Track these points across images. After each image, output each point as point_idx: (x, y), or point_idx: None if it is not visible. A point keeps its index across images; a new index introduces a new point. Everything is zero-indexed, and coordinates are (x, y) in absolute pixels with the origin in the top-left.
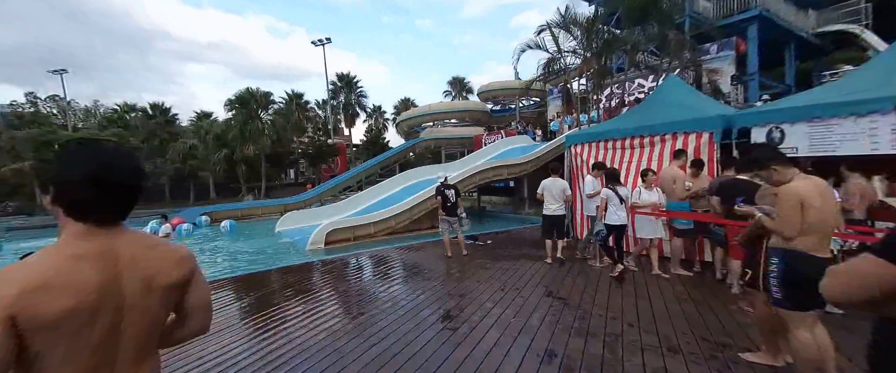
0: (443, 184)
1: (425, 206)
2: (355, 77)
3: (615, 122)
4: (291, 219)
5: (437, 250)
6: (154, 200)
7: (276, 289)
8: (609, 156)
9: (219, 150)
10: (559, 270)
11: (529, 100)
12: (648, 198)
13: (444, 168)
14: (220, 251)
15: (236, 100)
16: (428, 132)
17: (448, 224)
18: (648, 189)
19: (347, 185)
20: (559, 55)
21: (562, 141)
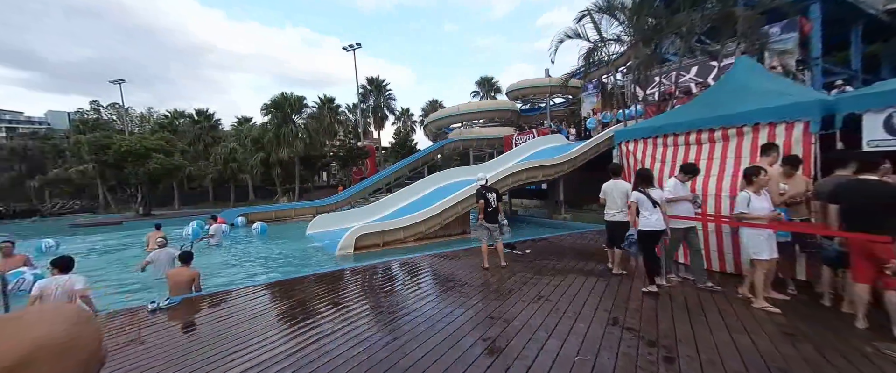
0: (483, 186)
1: (456, 210)
2: (384, 80)
3: (675, 114)
4: (322, 222)
5: (472, 260)
6: (198, 202)
7: (298, 302)
8: (668, 154)
9: (256, 153)
10: (620, 287)
11: (561, 97)
12: (760, 205)
13: (473, 170)
14: (249, 254)
15: (272, 104)
16: (456, 133)
17: (487, 232)
18: (758, 194)
19: (377, 187)
20: (601, 44)
21: (602, 139)
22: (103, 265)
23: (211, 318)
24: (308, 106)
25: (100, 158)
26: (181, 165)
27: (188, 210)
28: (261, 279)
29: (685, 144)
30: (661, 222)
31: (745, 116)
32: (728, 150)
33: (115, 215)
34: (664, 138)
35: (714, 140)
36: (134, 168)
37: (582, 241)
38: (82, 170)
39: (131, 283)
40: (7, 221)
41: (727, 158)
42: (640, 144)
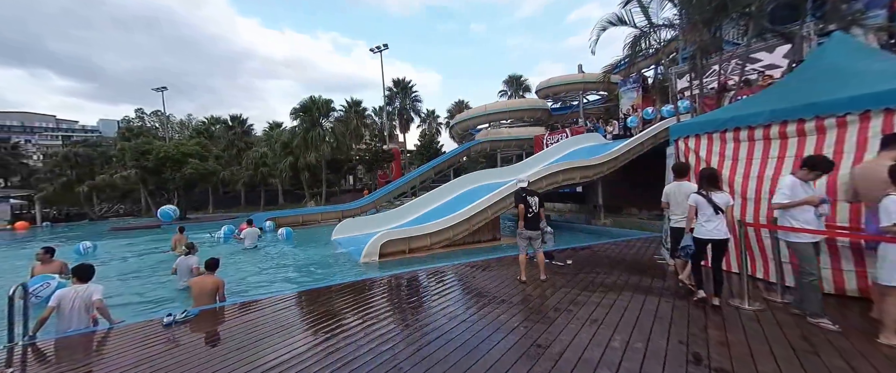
0: (524, 189)
1: (486, 215)
2: (410, 82)
3: (748, 104)
4: (347, 226)
5: (506, 271)
6: (231, 206)
7: (316, 319)
8: (742, 150)
9: (285, 157)
10: (692, 310)
11: (595, 94)
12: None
13: (501, 173)
14: (273, 261)
15: (300, 108)
16: (483, 134)
17: (527, 240)
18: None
19: (402, 191)
20: (650, 30)
21: (646, 137)
22: (134, 269)
23: (223, 334)
24: (335, 109)
25: (140, 164)
26: (215, 170)
27: (221, 214)
28: (280, 290)
29: (764, 139)
30: (721, 231)
31: (851, 102)
32: (824, 144)
33: (155, 219)
34: (735, 132)
35: (804, 133)
36: (172, 173)
37: (630, 251)
38: (126, 175)
39: (152, 289)
40: (60, 224)
41: (824, 154)
42: (704, 139)
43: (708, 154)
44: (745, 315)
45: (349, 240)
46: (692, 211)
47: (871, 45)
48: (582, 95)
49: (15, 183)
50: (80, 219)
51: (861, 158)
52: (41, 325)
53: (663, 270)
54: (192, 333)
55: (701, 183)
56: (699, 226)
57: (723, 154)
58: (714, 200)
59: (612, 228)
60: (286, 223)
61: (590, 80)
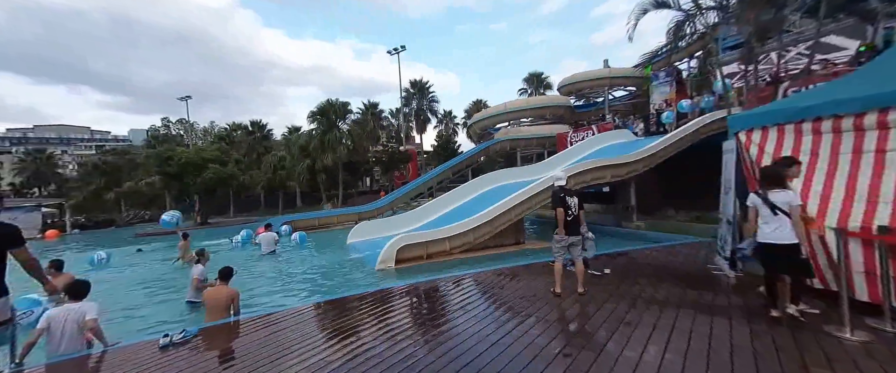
0: (563, 189)
1: (509, 216)
2: (428, 82)
3: (830, 90)
4: (363, 230)
5: (536, 280)
6: (250, 209)
7: (328, 336)
8: (824, 144)
9: (302, 160)
10: (775, 335)
11: (622, 90)
12: None
13: (522, 172)
14: (285, 268)
15: (318, 111)
16: (503, 133)
17: (564, 247)
18: None
19: (419, 192)
20: (696, 10)
21: (685, 133)
22: (143, 279)
23: (230, 353)
24: (352, 111)
25: (163, 170)
26: (234, 174)
27: (243, 217)
28: (287, 302)
29: (855, 130)
30: (782, 236)
31: None
32: None
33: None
34: (815, 123)
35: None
36: (193, 178)
37: (675, 258)
38: (151, 182)
39: (159, 304)
40: (89, 230)
41: None
42: (772, 132)
43: (777, 149)
44: (851, 348)
45: (365, 244)
46: (752, 213)
47: None
48: (607, 90)
49: (50, 192)
50: (108, 226)
51: None
52: (29, 350)
53: (722, 282)
54: (199, 352)
55: (762, 182)
56: (759, 230)
57: (798, 149)
58: (770, 199)
59: (646, 231)
60: (302, 226)
61: (617, 75)
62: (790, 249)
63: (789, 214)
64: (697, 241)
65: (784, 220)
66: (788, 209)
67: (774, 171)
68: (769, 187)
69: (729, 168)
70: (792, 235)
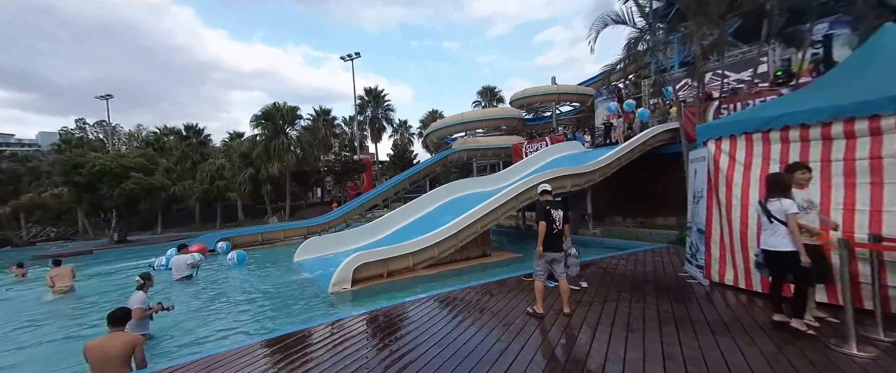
0: (547, 200)
1: (475, 228)
2: (383, 91)
3: (798, 100)
4: (313, 246)
5: (514, 299)
6: (184, 225)
7: None
8: (792, 152)
9: (244, 169)
10: (789, 355)
11: (568, 106)
12: None
13: (484, 182)
14: (218, 294)
15: (263, 115)
16: (460, 143)
17: (548, 265)
18: None
19: (374, 203)
20: (649, 29)
21: (637, 143)
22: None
23: None
24: (302, 117)
25: (71, 179)
26: (163, 186)
27: (174, 233)
28: (213, 343)
29: (823, 139)
30: (779, 243)
31: None
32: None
33: (89, 243)
34: (783, 132)
35: (879, 132)
36: (109, 189)
37: (643, 266)
38: (58, 194)
39: (44, 344)
40: None
41: None
42: (741, 141)
43: (748, 157)
44: (861, 365)
45: (315, 262)
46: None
47: None
48: (555, 105)
49: None
50: (3, 246)
51: None
52: None
53: (701, 292)
54: None
55: (768, 190)
56: (762, 237)
57: (767, 157)
58: (767, 207)
59: (603, 238)
60: (243, 243)
61: (564, 91)
62: (786, 257)
63: (784, 221)
64: (653, 247)
65: (779, 227)
66: (783, 217)
67: (776, 178)
68: (770, 195)
69: (699, 177)
70: (787, 243)
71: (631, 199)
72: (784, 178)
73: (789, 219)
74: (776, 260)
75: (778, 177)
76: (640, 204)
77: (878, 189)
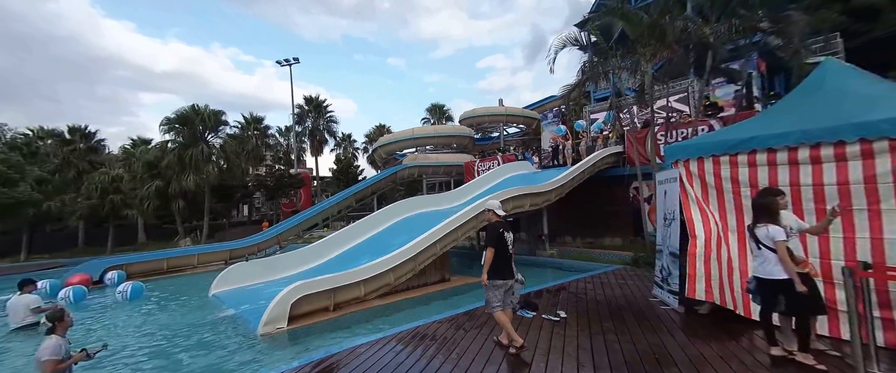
0: (502, 221)
1: (434, 250)
2: (325, 100)
3: (766, 123)
4: (237, 273)
5: (493, 335)
6: (62, 249)
7: None
8: (761, 176)
9: (149, 181)
10: None
11: (515, 127)
12: None
13: (438, 200)
14: (103, 340)
15: (177, 119)
16: (411, 159)
17: (502, 293)
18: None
19: (314, 222)
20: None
21: (588, 165)
22: None
23: None
24: (227, 123)
25: None
26: (31, 199)
27: (47, 260)
28: None
29: (789, 164)
30: (768, 271)
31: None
32: (875, 169)
33: None
34: (751, 156)
35: (845, 157)
36: None
37: (610, 290)
38: None
39: None
40: None
41: (879, 182)
42: (709, 163)
43: (718, 180)
44: None
45: (239, 294)
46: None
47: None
48: (503, 126)
49: None
50: None
51: None
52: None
53: (681, 319)
54: None
55: (755, 215)
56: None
57: (736, 180)
58: (755, 233)
59: (560, 259)
60: (141, 271)
61: (512, 113)
62: (777, 285)
63: (774, 248)
64: (611, 269)
65: (768, 255)
66: (771, 244)
67: (763, 202)
68: (757, 220)
69: (670, 198)
70: (778, 271)
71: (579, 220)
72: (772, 202)
73: (778, 247)
74: (769, 288)
75: (765, 200)
76: (588, 225)
77: (849, 215)
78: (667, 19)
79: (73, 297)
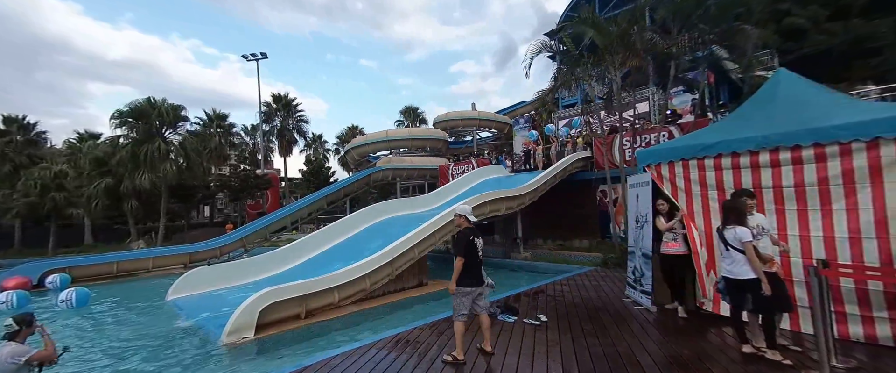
0: (472, 227)
1: (412, 254)
2: (294, 99)
3: (729, 129)
4: (198, 278)
5: (478, 338)
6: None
7: None
8: (727, 179)
9: (98, 178)
10: None
11: (487, 132)
12: None
13: (412, 203)
14: None
15: (130, 112)
16: (385, 161)
17: (471, 300)
18: None
19: (282, 225)
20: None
21: (559, 169)
22: None
23: None
24: (188, 119)
25: None
26: None
27: None
28: None
29: (752, 167)
30: (736, 271)
31: (855, 128)
32: (827, 172)
33: None
34: (717, 159)
35: (801, 161)
36: None
37: (586, 292)
38: None
39: None
40: None
41: (830, 184)
42: (679, 167)
43: (687, 183)
44: None
45: (200, 300)
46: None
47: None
48: (476, 130)
49: None
50: None
51: (880, 188)
52: None
53: (656, 319)
54: None
55: (725, 217)
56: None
57: (704, 183)
58: (723, 235)
59: (534, 262)
60: (88, 276)
61: (485, 117)
62: (744, 285)
63: (742, 250)
64: (583, 270)
65: (736, 256)
66: (739, 246)
67: (733, 204)
68: (726, 222)
69: (642, 201)
70: (746, 271)
71: (550, 222)
72: (740, 204)
73: (746, 248)
74: (738, 288)
75: (734, 203)
76: (558, 228)
77: (805, 216)
78: (635, 29)
79: (17, 302)
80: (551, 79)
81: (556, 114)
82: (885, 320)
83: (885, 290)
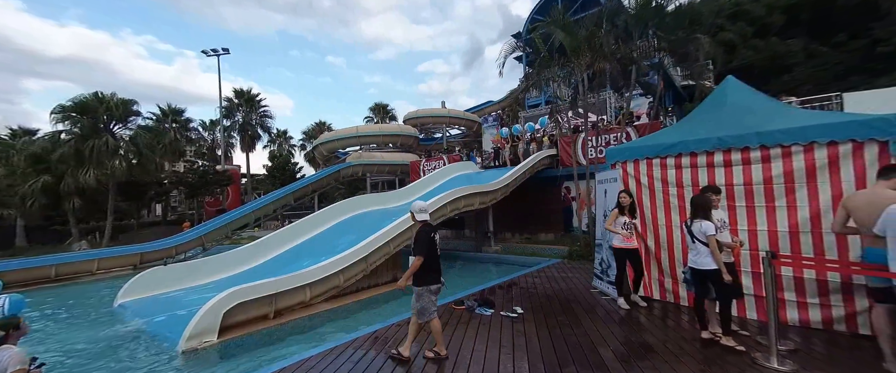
0: (431, 226)
1: (387, 250)
2: (258, 94)
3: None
4: (151, 279)
5: (459, 332)
6: None
7: None
8: (686, 177)
9: (35, 176)
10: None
11: (457, 129)
12: None
13: (383, 198)
14: None
15: (74, 107)
16: (355, 157)
17: (435, 297)
18: None
19: (244, 222)
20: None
21: (528, 165)
22: None
23: None
24: (140, 114)
25: None
26: None
27: None
28: None
29: (707, 166)
30: (701, 262)
31: (795, 133)
32: (771, 172)
33: None
34: (677, 158)
35: (750, 161)
36: None
37: (558, 285)
38: None
39: None
40: None
41: (774, 183)
42: (643, 165)
43: (650, 180)
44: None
45: (153, 303)
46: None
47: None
48: (446, 127)
49: None
50: None
51: (815, 188)
52: None
53: (619, 308)
54: None
55: (693, 212)
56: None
57: (665, 180)
58: (690, 229)
59: (504, 255)
60: (20, 280)
61: (454, 115)
62: (707, 274)
63: (705, 242)
64: (551, 262)
65: (700, 248)
66: (704, 238)
67: (700, 200)
68: (693, 216)
69: (610, 196)
70: (709, 262)
71: (518, 217)
72: (706, 200)
73: (710, 240)
74: (701, 277)
75: (701, 199)
76: (526, 222)
77: (753, 212)
78: (602, 32)
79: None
80: (520, 79)
81: (523, 114)
82: (816, 306)
83: (818, 278)
